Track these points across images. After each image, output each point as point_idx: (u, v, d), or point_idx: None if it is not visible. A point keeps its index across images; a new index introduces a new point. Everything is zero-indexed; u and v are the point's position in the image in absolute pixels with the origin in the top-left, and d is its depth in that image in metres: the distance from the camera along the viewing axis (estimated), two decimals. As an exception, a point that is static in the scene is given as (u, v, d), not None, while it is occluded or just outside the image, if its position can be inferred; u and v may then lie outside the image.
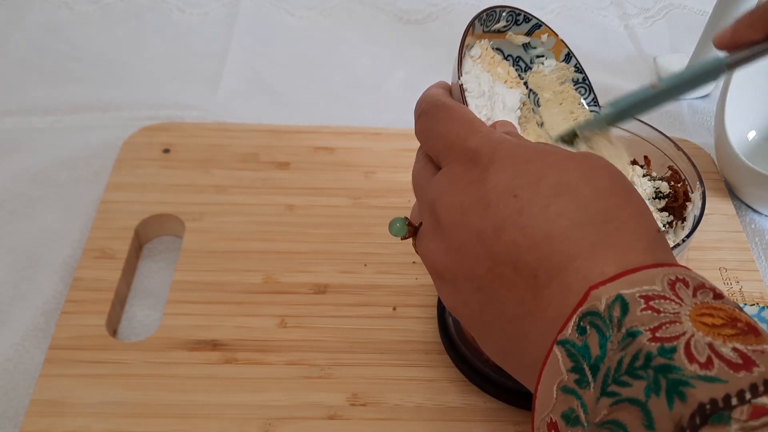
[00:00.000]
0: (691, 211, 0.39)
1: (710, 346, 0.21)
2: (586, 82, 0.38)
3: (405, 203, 0.52)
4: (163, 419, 0.41)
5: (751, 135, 0.58)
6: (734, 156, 0.53)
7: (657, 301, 0.23)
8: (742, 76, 0.54)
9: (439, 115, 0.31)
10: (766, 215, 0.55)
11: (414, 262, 0.49)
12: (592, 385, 0.22)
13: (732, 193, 0.56)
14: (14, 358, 0.44)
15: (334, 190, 0.53)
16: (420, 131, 0.32)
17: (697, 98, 0.65)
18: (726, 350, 0.20)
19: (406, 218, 0.33)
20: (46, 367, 0.42)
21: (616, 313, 0.23)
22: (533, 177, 0.27)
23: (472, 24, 0.34)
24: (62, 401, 0.41)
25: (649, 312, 0.22)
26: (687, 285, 0.23)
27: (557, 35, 0.37)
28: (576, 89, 0.38)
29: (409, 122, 0.61)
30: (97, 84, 0.64)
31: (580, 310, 0.24)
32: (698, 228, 0.37)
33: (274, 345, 0.44)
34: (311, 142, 0.56)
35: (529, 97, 0.37)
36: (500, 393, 0.42)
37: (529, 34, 0.37)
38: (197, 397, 0.42)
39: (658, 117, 0.63)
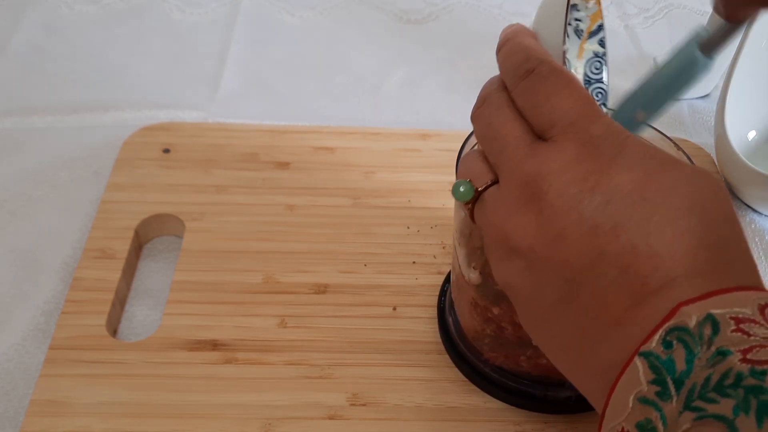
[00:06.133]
0: (692, 211, 0.39)
1: None
2: (605, 57, 0.38)
3: (405, 203, 0.52)
4: (163, 419, 0.41)
5: (751, 135, 0.58)
6: (734, 156, 0.53)
7: (747, 324, 0.23)
8: (742, 76, 0.54)
9: (560, 84, 0.29)
10: (766, 215, 0.55)
11: (414, 263, 0.49)
12: (674, 398, 0.23)
13: (732, 193, 0.56)
14: (14, 358, 0.44)
15: (334, 190, 0.53)
16: (528, 90, 0.29)
17: (697, 98, 0.65)
18: None
19: (470, 181, 0.31)
20: (46, 367, 0.42)
21: (707, 331, 0.23)
22: (665, 186, 0.26)
23: None
24: (62, 401, 0.41)
25: (740, 334, 0.23)
26: None
27: (600, 4, 0.37)
28: (592, 62, 0.38)
29: (408, 122, 0.61)
30: (97, 84, 0.64)
31: (667, 324, 0.24)
32: (698, 228, 0.37)
33: (274, 345, 0.44)
34: (311, 142, 0.56)
35: None
36: (501, 393, 0.42)
37: None
38: (197, 397, 0.42)
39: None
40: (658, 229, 0.26)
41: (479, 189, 0.31)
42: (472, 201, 0.31)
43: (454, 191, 0.31)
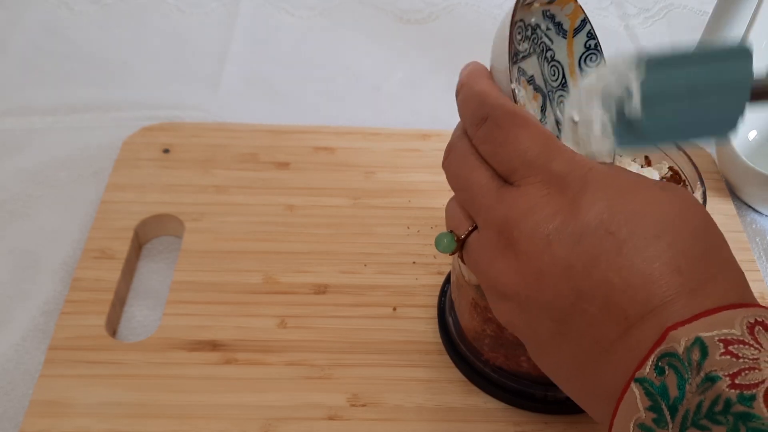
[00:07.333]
0: (692, 211, 0.39)
1: None
2: (598, 48, 0.37)
3: (405, 203, 0.52)
4: (163, 419, 0.41)
5: (752, 135, 0.58)
6: (735, 156, 0.53)
7: (736, 345, 0.23)
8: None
9: (514, 127, 0.29)
10: (766, 215, 0.55)
11: (414, 263, 0.49)
12: (670, 425, 0.23)
13: (733, 193, 0.56)
14: (14, 358, 0.44)
15: (334, 190, 0.53)
16: (485, 139, 0.30)
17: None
18: None
19: (451, 232, 0.32)
20: (46, 367, 0.42)
21: (695, 356, 0.23)
22: (630, 214, 0.26)
23: (514, 11, 0.32)
24: (62, 401, 0.41)
25: (728, 357, 0.23)
26: (766, 328, 0.24)
27: (577, 2, 0.36)
28: (587, 55, 0.37)
29: (408, 122, 0.61)
30: (97, 84, 0.64)
31: (657, 350, 0.24)
32: (698, 228, 0.37)
33: (274, 345, 0.44)
34: (311, 142, 0.56)
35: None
36: (500, 393, 0.42)
37: (550, 2, 0.36)
38: (197, 397, 0.42)
39: (658, 117, 0.63)
40: (628, 262, 0.26)
41: (461, 237, 0.31)
42: (457, 250, 0.32)
43: (438, 245, 0.32)
